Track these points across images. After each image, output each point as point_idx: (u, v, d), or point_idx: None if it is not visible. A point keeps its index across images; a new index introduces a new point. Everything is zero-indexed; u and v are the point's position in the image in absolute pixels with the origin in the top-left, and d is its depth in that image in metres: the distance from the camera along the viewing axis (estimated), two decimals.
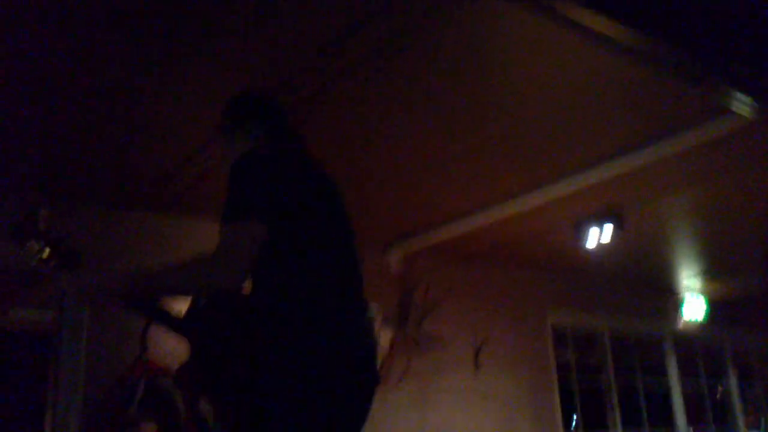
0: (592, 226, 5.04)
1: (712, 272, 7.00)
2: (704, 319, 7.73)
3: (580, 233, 5.11)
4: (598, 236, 5.03)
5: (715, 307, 7.81)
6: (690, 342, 8.06)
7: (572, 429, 6.83)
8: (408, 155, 4.13)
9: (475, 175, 4.41)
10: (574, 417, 6.87)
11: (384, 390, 5.41)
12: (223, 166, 2.19)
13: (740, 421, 8.18)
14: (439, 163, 4.23)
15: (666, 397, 7.65)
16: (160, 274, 2.04)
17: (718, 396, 8.40)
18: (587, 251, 5.57)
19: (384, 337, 5.17)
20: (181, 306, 2.07)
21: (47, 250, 2.18)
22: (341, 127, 3.77)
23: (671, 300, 7.50)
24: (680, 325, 7.50)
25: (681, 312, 7.52)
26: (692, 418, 7.79)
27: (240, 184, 1.97)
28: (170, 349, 4.38)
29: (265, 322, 1.94)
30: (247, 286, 1.96)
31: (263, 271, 1.92)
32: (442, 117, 3.67)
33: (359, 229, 5.50)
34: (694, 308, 7.64)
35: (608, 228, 5.02)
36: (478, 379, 5.87)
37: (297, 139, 2.32)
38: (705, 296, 7.74)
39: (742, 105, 3.30)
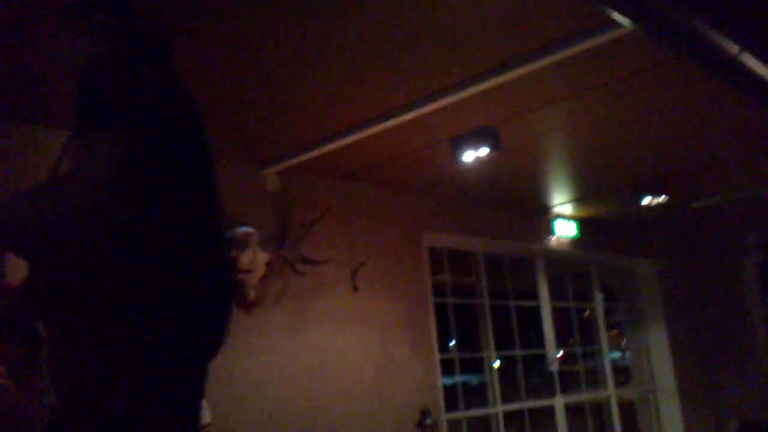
0: (468, 143, 5.06)
1: (582, 194, 7.26)
2: (576, 235, 8.04)
3: (456, 150, 5.13)
4: (474, 153, 5.06)
5: (584, 229, 8.14)
6: (560, 264, 8.40)
7: (448, 348, 7.02)
8: (280, 68, 3.96)
9: (351, 90, 4.31)
10: (452, 339, 7.06)
11: (260, 311, 5.37)
12: (67, 64, 1.99)
13: (604, 341, 8.65)
14: (314, 77, 4.09)
15: (536, 318, 7.97)
16: (11, 202, 1.84)
17: (585, 316, 8.85)
18: (463, 172, 5.63)
19: (260, 258, 5.07)
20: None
21: None
22: (211, 40, 3.57)
23: (543, 221, 7.75)
24: (552, 243, 7.76)
25: (553, 230, 7.78)
26: (560, 337, 8.17)
27: (95, 92, 1.80)
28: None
29: (118, 244, 1.76)
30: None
31: (118, 191, 1.75)
32: (322, 25, 3.52)
33: (234, 147, 5.41)
34: (565, 228, 7.93)
35: (484, 147, 5.06)
36: (356, 301, 5.88)
37: (155, 44, 2.05)
38: (575, 219, 8.04)
39: (621, 16, 3.34)
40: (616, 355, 9.56)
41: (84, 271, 1.79)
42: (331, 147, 5.00)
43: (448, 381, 6.92)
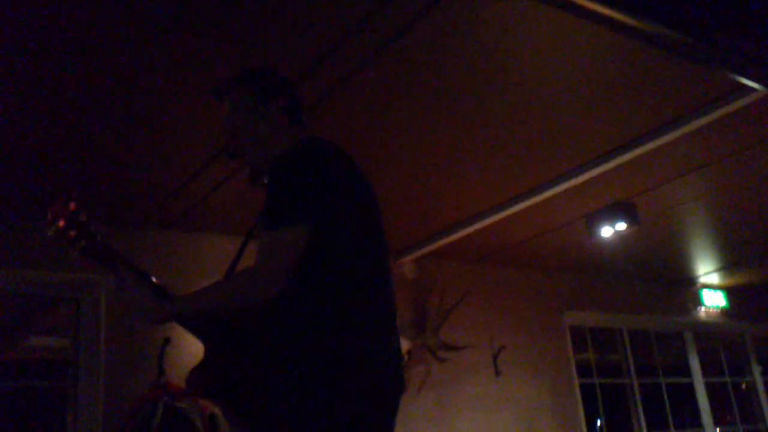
0: (604, 220, 4.99)
1: (728, 262, 6.94)
2: (725, 305, 7.65)
3: (592, 228, 5.06)
4: (612, 229, 4.98)
5: (734, 298, 7.73)
6: (711, 335, 7.97)
7: (596, 431, 6.74)
8: (416, 158, 4.09)
9: (485, 174, 4.37)
10: (598, 420, 6.79)
11: (403, 401, 5.35)
12: (238, 151, 2.10)
13: (767, 414, 8.06)
14: (448, 164, 4.19)
15: (690, 395, 7.55)
16: (204, 294, 1.98)
17: (743, 389, 8.29)
18: (601, 248, 5.53)
19: (402, 347, 5.10)
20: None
21: (75, 230, 2.11)
22: (348, 131, 3.74)
23: (689, 292, 7.43)
24: (700, 315, 7.41)
25: (701, 301, 7.44)
26: (718, 415, 7.69)
27: (282, 185, 1.86)
28: (189, 368, 4.37)
29: (296, 327, 1.85)
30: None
31: (301, 275, 1.82)
32: (449, 117, 3.64)
33: None
34: (713, 298, 7.57)
35: (621, 222, 4.97)
36: (498, 385, 5.79)
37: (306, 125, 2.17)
38: (723, 288, 7.67)
39: (752, 81, 3.27)
40: None
41: (267, 360, 1.89)
42: (466, 231, 5.05)
43: None
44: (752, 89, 3.37)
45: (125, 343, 4.29)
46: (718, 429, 7.64)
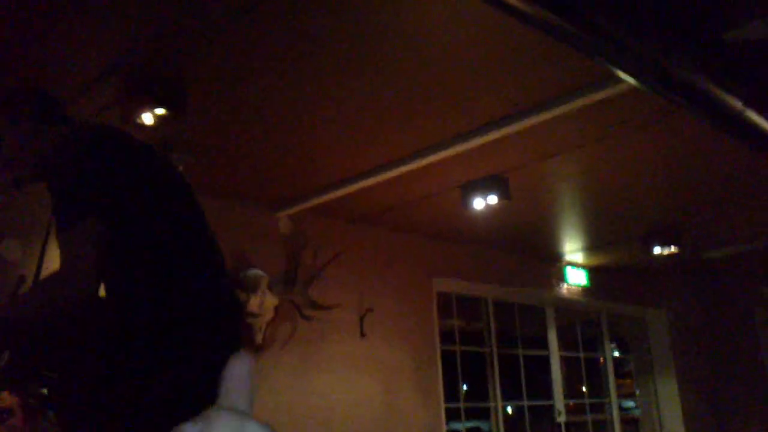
0: (478, 191, 5.10)
1: (592, 243, 7.27)
2: (587, 284, 8.02)
3: (466, 198, 5.18)
4: (484, 201, 5.11)
5: (594, 277, 8.12)
6: (570, 312, 8.36)
7: (455, 398, 6.97)
8: (293, 115, 4.06)
9: (366, 136, 4.39)
10: (460, 386, 7.02)
11: (267, 355, 5.37)
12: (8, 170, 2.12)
13: (613, 391, 8.56)
14: (330, 122, 4.18)
15: (545, 367, 7.91)
16: (19, 305, 2.01)
17: (601, 363, 8.76)
18: (473, 218, 5.67)
19: (269, 302, 5.09)
20: None
21: None
22: (225, 87, 3.68)
23: (555, 269, 7.74)
24: (563, 291, 7.74)
25: (564, 278, 7.77)
26: (569, 387, 8.10)
27: (65, 184, 1.89)
28: None
29: (121, 321, 1.88)
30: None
31: (113, 268, 1.87)
32: (327, 76, 3.62)
33: (246, 189, 5.50)
34: (576, 276, 7.92)
35: (493, 195, 5.10)
36: (363, 346, 5.88)
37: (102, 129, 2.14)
38: (585, 267, 8.03)
39: (624, 73, 3.40)
40: (630, 404, 9.43)
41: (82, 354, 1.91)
42: (343, 191, 5.07)
43: (458, 426, 6.87)
44: (624, 81, 3.51)
45: None
46: (568, 402, 8.05)
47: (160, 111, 3.62)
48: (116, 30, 3.17)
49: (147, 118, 3.65)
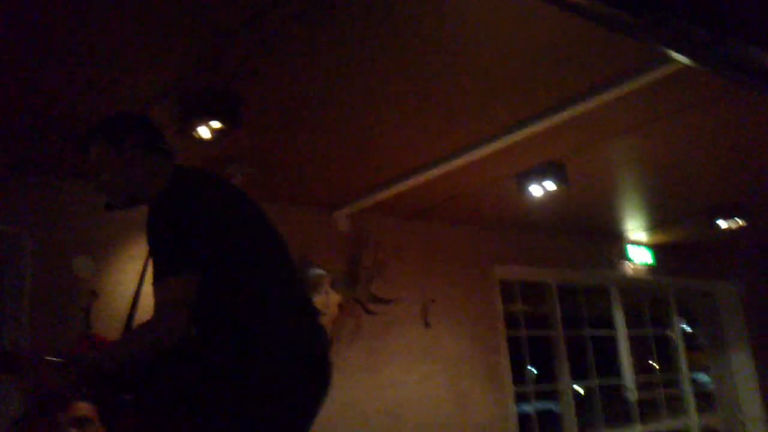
0: (535, 179, 5.07)
1: (654, 222, 7.15)
2: (652, 262, 7.89)
3: (522, 186, 5.15)
4: (541, 188, 5.07)
5: (659, 255, 7.98)
6: (636, 291, 8.24)
7: (523, 382, 6.96)
8: (351, 114, 4.09)
9: (419, 132, 4.40)
10: (527, 370, 7.01)
11: (334, 352, 5.43)
12: (104, 193, 2.28)
13: (684, 367, 8.43)
14: (383, 121, 4.20)
15: (613, 347, 7.83)
16: (115, 351, 2.17)
17: (673, 339, 8.62)
18: (531, 205, 5.63)
19: (333, 300, 5.16)
20: None
21: None
22: (278, 95, 3.73)
23: (616, 248, 7.64)
24: (627, 270, 7.64)
25: (627, 258, 7.66)
26: (640, 366, 8.00)
27: (161, 235, 2.00)
28: (116, 321, 4.35)
29: (216, 361, 2.00)
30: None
31: (206, 310, 1.98)
32: (385, 75, 3.63)
33: (304, 191, 5.56)
34: (640, 255, 7.80)
35: (550, 181, 5.07)
36: (428, 338, 5.92)
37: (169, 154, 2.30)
38: (649, 246, 7.90)
39: (677, 53, 3.34)
40: (704, 378, 9.26)
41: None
42: (399, 188, 5.09)
43: (528, 409, 6.87)
44: (676, 61, 3.44)
45: (51, 297, 4.22)
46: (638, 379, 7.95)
47: (216, 125, 3.69)
48: (171, 48, 3.23)
49: (204, 132, 3.74)
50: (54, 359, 2.10)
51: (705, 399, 8.89)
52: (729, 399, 8.79)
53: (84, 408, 3.06)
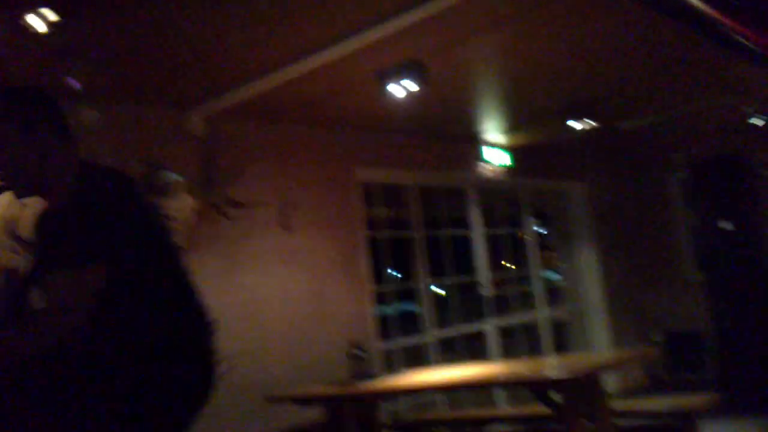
0: (395, 78, 4.98)
1: (512, 124, 7.29)
2: (509, 163, 8.09)
3: (383, 85, 5.05)
4: (402, 88, 4.99)
5: (515, 156, 8.19)
6: (493, 192, 8.47)
7: (383, 280, 7.08)
8: (200, 10, 3.83)
9: (274, 29, 4.20)
10: (387, 271, 7.13)
11: (191, 258, 5.26)
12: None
13: (535, 264, 8.84)
14: (235, 15, 3.95)
15: (470, 246, 8.06)
16: (13, 341, 2.04)
17: (520, 238, 8.99)
18: (393, 106, 5.56)
19: (188, 204, 4.96)
20: None
21: None
22: None
23: (474, 150, 7.76)
24: (485, 172, 7.80)
25: (485, 159, 7.82)
26: (494, 263, 8.31)
27: (73, 225, 1.98)
28: None
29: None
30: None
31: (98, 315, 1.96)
32: None
33: (158, 90, 5.26)
34: (497, 156, 7.97)
35: (410, 81, 4.99)
36: (289, 241, 5.86)
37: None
38: (506, 147, 8.08)
39: None
40: (555, 276, 9.79)
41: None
42: (255, 88, 4.89)
43: (389, 311, 7.01)
44: None
45: None
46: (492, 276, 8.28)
47: (52, 16, 3.33)
48: None
49: (37, 24, 3.37)
50: None
51: (554, 294, 9.41)
52: (575, 292, 9.35)
53: None
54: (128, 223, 2.04)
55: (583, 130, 6.99)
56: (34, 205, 4.18)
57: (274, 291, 5.65)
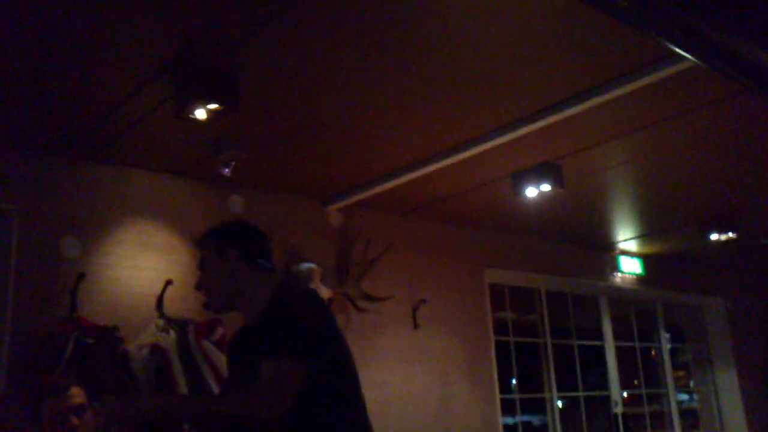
0: (530, 180, 5.04)
1: (647, 230, 7.13)
2: (641, 273, 7.87)
3: (518, 187, 5.12)
4: (537, 190, 5.04)
5: (650, 266, 7.97)
6: (624, 302, 8.22)
7: (509, 388, 6.92)
8: (349, 106, 4.05)
9: (416, 128, 4.36)
10: (513, 380, 6.96)
11: None
12: (203, 293, 2.50)
13: (670, 382, 8.41)
14: (381, 115, 4.16)
15: (600, 358, 7.79)
16: (199, 404, 2.36)
17: (653, 355, 8.61)
18: (525, 208, 5.61)
19: (323, 294, 5.09)
20: None
21: None
22: (276, 80, 3.69)
23: (608, 258, 7.62)
24: (616, 280, 7.62)
25: (617, 267, 7.64)
26: (625, 379, 7.97)
27: (287, 322, 2.22)
28: (102, 306, 4.28)
29: None
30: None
31: (295, 409, 2.15)
32: (380, 68, 3.60)
33: (299, 183, 5.51)
34: (630, 265, 7.78)
35: (546, 184, 5.03)
36: (417, 338, 5.86)
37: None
38: (639, 256, 7.89)
39: (683, 51, 3.30)
40: (684, 397, 9.26)
41: None
42: (393, 183, 5.05)
43: (509, 421, 6.80)
44: (684, 58, 3.41)
45: (37, 276, 4.14)
46: (625, 393, 7.93)
47: (213, 106, 3.64)
48: (166, 27, 3.19)
49: (200, 114, 3.68)
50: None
51: (688, 416, 8.87)
52: (713, 416, 8.77)
53: (79, 394, 2.98)
54: (318, 331, 2.26)
55: (722, 242, 6.75)
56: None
57: (401, 389, 5.61)
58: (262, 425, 2.14)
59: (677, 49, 3.20)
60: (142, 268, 4.52)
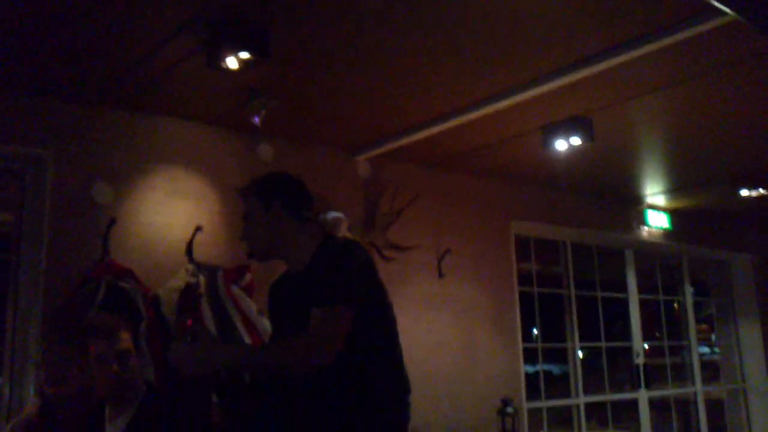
0: (560, 133, 5.00)
1: (675, 185, 7.07)
2: (668, 227, 7.84)
3: (547, 140, 5.09)
4: (566, 143, 5.01)
5: (677, 221, 7.93)
6: (650, 256, 8.21)
7: (531, 337, 6.99)
8: (374, 61, 4.03)
9: (446, 80, 4.32)
10: (536, 328, 7.03)
11: None
12: (247, 243, 2.60)
13: (693, 336, 8.44)
14: (412, 66, 4.12)
15: (624, 310, 7.82)
16: (256, 352, 2.53)
17: (675, 308, 8.62)
18: (553, 161, 5.58)
19: None
20: None
21: None
22: (308, 32, 3.67)
23: (635, 211, 7.58)
24: (643, 234, 7.59)
25: (644, 221, 7.61)
26: (647, 331, 8.00)
27: (336, 270, 2.30)
28: (133, 249, 4.37)
29: (338, 395, 2.30)
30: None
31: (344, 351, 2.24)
32: (411, 19, 3.56)
33: (327, 133, 5.53)
34: (657, 219, 7.74)
35: (576, 137, 5.00)
36: (442, 286, 5.92)
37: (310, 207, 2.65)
38: (668, 210, 7.84)
39: (721, 4, 3.24)
40: (705, 350, 9.29)
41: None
42: (421, 135, 5.04)
43: (531, 369, 6.89)
44: (720, 12, 3.34)
45: (70, 221, 4.23)
46: (645, 344, 7.97)
47: (245, 55, 3.64)
48: None
49: (231, 63, 3.69)
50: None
51: (709, 368, 8.92)
52: (734, 369, 8.81)
53: (127, 339, 3.00)
54: (366, 280, 2.39)
55: (753, 198, 6.69)
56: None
57: (426, 337, 5.70)
58: (314, 371, 2.22)
59: (716, 3, 3.15)
60: (173, 214, 4.59)
